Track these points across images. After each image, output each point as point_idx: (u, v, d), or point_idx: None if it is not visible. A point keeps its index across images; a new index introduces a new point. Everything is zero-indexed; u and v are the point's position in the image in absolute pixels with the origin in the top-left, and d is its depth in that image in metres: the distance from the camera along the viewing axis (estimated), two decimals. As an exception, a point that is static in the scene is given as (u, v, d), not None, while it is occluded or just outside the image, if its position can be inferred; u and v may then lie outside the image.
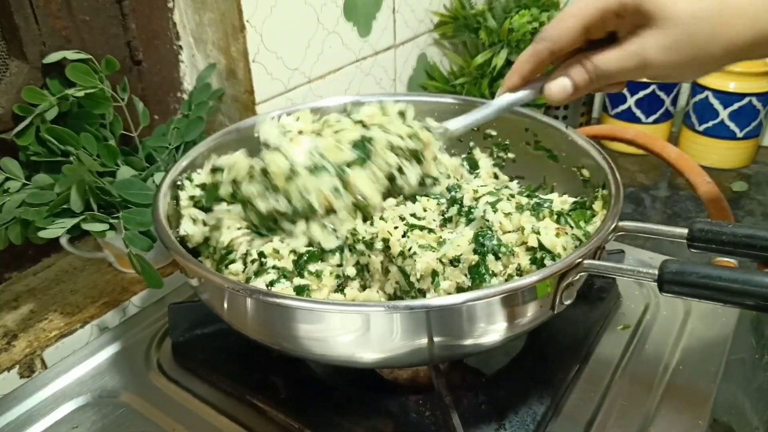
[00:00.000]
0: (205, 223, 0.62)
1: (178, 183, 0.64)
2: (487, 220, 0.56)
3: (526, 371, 0.61)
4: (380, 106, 0.65)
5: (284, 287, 0.56)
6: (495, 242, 0.53)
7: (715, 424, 0.59)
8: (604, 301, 0.70)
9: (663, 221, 0.97)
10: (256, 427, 0.58)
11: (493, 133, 0.75)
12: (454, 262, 0.53)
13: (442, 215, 0.60)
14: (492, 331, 0.49)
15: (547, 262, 0.57)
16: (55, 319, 0.70)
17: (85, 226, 0.64)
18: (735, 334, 0.67)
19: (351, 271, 0.57)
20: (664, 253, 0.80)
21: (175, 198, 0.63)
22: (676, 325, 0.69)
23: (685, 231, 0.52)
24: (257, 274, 0.57)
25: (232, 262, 0.58)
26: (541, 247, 0.58)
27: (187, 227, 0.61)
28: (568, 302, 0.51)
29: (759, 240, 0.49)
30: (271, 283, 0.55)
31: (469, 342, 0.49)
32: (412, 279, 0.53)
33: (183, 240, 0.61)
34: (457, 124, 0.64)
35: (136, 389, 0.63)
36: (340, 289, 0.57)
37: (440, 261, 0.53)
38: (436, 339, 0.48)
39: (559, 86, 0.56)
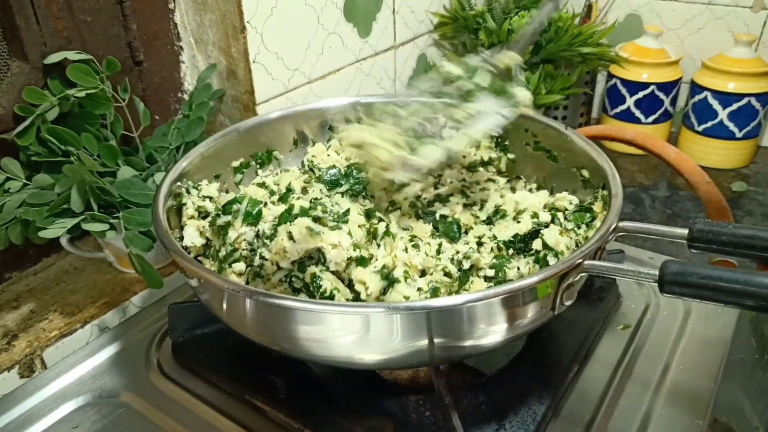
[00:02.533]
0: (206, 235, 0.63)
1: (183, 189, 0.64)
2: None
3: (526, 371, 0.61)
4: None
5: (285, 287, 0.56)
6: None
7: (715, 424, 0.59)
8: (604, 301, 0.70)
9: (663, 221, 0.97)
10: (256, 427, 0.58)
11: (494, 133, 0.75)
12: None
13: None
14: (492, 331, 0.49)
15: (550, 260, 0.57)
16: (55, 319, 0.70)
17: (86, 226, 0.64)
18: (735, 334, 0.68)
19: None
20: (663, 253, 0.80)
21: (179, 205, 0.64)
22: (677, 325, 0.69)
23: (686, 231, 0.52)
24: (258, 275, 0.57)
25: (236, 260, 0.59)
26: (545, 245, 0.58)
27: (194, 239, 0.62)
28: (568, 303, 0.51)
29: (759, 240, 0.49)
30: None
31: (469, 343, 0.49)
32: None
33: (186, 249, 0.62)
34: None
35: (136, 389, 0.63)
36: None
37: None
38: (436, 340, 0.48)
39: None
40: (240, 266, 0.58)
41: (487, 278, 0.58)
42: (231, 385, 0.62)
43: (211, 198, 0.65)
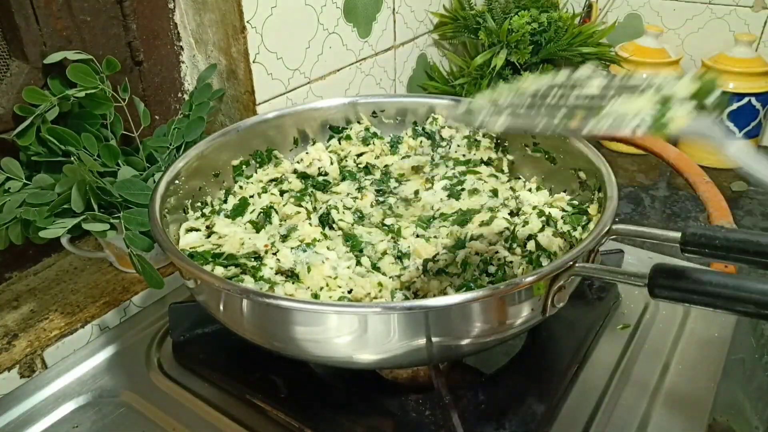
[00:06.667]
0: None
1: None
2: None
3: (526, 371, 0.61)
4: None
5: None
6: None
7: (715, 424, 0.59)
8: (603, 300, 0.70)
9: (662, 221, 0.97)
10: (257, 426, 0.58)
11: (493, 134, 0.75)
12: None
13: None
14: (484, 331, 0.49)
15: (543, 261, 0.57)
16: (55, 319, 0.70)
17: (86, 226, 0.64)
18: (734, 334, 0.68)
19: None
20: (664, 253, 0.80)
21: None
22: (676, 325, 0.69)
23: (678, 235, 0.52)
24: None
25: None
26: (538, 246, 0.58)
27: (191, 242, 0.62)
28: (560, 305, 0.51)
29: (752, 245, 0.48)
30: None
31: (464, 342, 0.49)
32: None
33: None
34: None
35: (136, 389, 0.63)
36: None
37: None
38: (434, 338, 0.48)
39: None
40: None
41: (488, 274, 0.58)
42: (231, 385, 0.62)
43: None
